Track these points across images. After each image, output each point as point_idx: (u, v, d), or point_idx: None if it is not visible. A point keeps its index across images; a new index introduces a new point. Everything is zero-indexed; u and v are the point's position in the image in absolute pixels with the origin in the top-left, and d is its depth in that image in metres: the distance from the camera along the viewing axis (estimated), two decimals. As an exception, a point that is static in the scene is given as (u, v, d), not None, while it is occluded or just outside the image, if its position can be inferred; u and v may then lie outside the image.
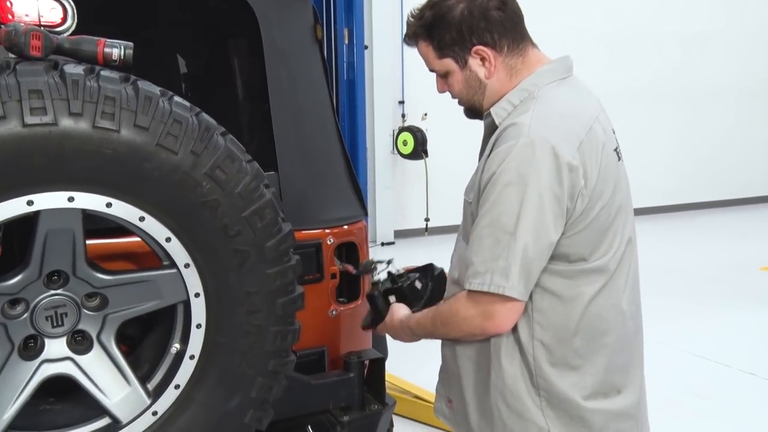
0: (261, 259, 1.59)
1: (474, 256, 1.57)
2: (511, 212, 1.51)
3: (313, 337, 2.14)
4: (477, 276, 1.56)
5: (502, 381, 1.66)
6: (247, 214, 1.55)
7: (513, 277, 1.52)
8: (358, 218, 2.24)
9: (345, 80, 8.10)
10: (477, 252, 1.56)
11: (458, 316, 1.63)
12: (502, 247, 1.52)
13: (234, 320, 1.63)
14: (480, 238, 1.56)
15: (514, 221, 1.51)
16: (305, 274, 2.04)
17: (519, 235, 1.51)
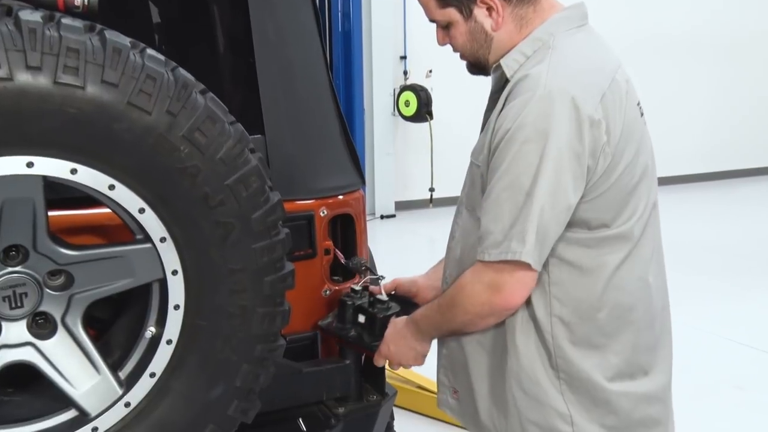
0: (246, 233, 1.59)
1: (492, 224, 1.58)
2: (530, 171, 1.52)
3: (305, 319, 2.15)
4: (497, 246, 1.57)
5: (517, 364, 1.68)
6: (230, 182, 1.55)
7: (529, 241, 1.54)
8: (354, 187, 2.24)
9: (340, 32, 8.05)
10: (496, 219, 1.57)
11: (463, 294, 1.65)
12: (520, 209, 1.54)
13: (216, 301, 1.64)
14: (499, 203, 1.56)
15: (531, 181, 1.52)
16: (296, 250, 2.04)
17: (536, 195, 1.52)
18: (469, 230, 1.74)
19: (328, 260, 2.18)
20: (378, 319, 2.04)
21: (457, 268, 1.78)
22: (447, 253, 1.87)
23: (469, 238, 1.74)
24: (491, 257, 1.58)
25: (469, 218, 1.76)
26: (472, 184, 1.72)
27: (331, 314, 2.16)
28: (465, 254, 1.75)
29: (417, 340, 1.87)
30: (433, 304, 1.79)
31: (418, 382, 3.75)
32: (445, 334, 1.83)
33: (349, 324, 2.11)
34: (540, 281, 1.64)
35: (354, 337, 2.09)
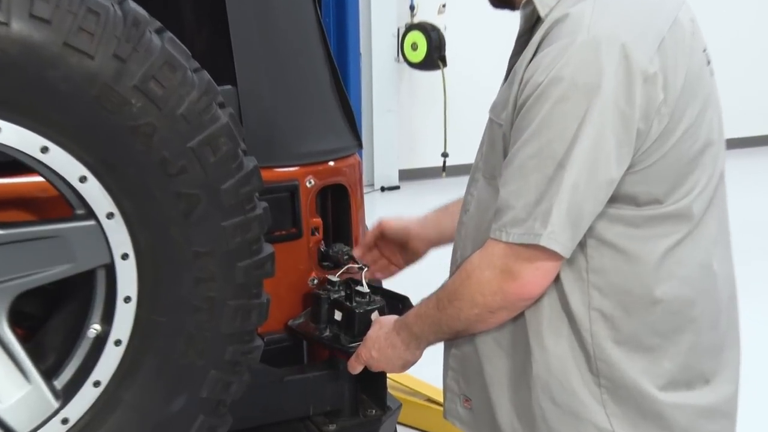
0: (214, 207, 1.60)
1: (514, 198, 1.58)
2: (565, 137, 1.52)
3: (287, 315, 2.16)
4: (517, 224, 1.57)
5: (546, 369, 1.69)
6: (194, 144, 1.55)
7: (555, 222, 1.54)
8: (348, 152, 2.24)
9: (330, -44, 8.02)
10: (519, 192, 1.57)
11: (469, 282, 1.66)
12: (549, 182, 1.54)
13: (177, 291, 1.64)
14: (523, 173, 1.56)
15: (565, 149, 1.52)
16: (276, 229, 2.05)
17: (569, 167, 1.52)
18: (487, 202, 1.74)
19: (316, 242, 2.18)
20: (356, 315, 2.06)
21: (470, 249, 1.77)
22: (458, 231, 1.87)
23: (485, 213, 1.73)
24: (509, 238, 1.58)
25: (486, 188, 1.75)
26: (492, 146, 1.71)
27: (305, 312, 2.17)
28: (481, 232, 1.74)
29: (408, 348, 1.88)
30: (430, 300, 1.79)
31: (428, 393, 3.76)
32: (446, 337, 1.84)
33: (324, 322, 2.13)
34: (575, 266, 1.64)
35: (328, 338, 2.10)
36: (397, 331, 1.89)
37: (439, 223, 2.16)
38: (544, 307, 1.68)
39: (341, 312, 2.09)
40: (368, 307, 2.07)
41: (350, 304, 2.08)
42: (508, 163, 1.60)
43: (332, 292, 2.13)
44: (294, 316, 2.17)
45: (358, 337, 2.02)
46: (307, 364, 2.21)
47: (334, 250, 2.18)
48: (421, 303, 1.84)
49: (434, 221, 2.18)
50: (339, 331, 2.09)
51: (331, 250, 2.19)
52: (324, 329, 2.11)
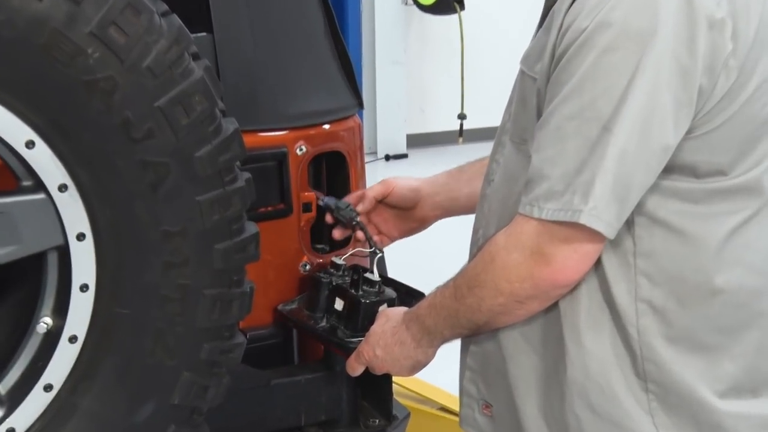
0: (187, 179, 1.60)
1: (549, 167, 1.58)
2: (612, 94, 1.51)
3: (275, 306, 2.17)
4: (553, 198, 1.57)
5: (583, 371, 1.69)
6: (162, 103, 1.55)
7: (598, 195, 1.54)
8: (347, 112, 2.24)
9: None
10: (556, 160, 1.57)
11: (494, 266, 1.67)
12: (592, 149, 1.53)
13: (143, 279, 1.64)
14: (561, 137, 1.56)
15: (612, 108, 1.52)
16: (261, 205, 2.05)
17: (617, 130, 1.52)
18: (515, 171, 1.74)
19: (309, 220, 2.19)
20: (361, 305, 2.06)
21: (495, 226, 1.78)
22: (480, 206, 1.87)
23: (514, 184, 1.73)
24: (542, 214, 1.58)
25: (515, 154, 1.76)
26: (523, 104, 1.71)
27: (300, 297, 2.18)
28: (507, 207, 1.74)
29: (418, 346, 1.89)
30: (446, 288, 1.80)
31: (442, 401, 3.76)
32: (465, 332, 1.84)
33: (320, 311, 2.13)
34: (621, 249, 1.64)
35: (324, 329, 2.11)
36: (407, 325, 1.89)
37: (450, 188, 2.18)
38: (583, 297, 1.68)
39: (343, 301, 2.10)
40: (376, 298, 2.07)
41: (355, 292, 2.08)
42: (542, 125, 1.60)
43: (335, 276, 2.14)
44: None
45: (361, 331, 2.03)
46: (298, 365, 2.22)
47: (341, 208, 2.17)
48: (436, 292, 1.84)
49: (445, 185, 2.19)
50: (338, 323, 2.10)
51: (337, 210, 2.17)
52: (320, 319, 2.12)
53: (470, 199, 2.07)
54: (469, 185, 2.11)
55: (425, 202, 2.21)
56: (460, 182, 2.18)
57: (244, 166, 1.68)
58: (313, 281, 2.15)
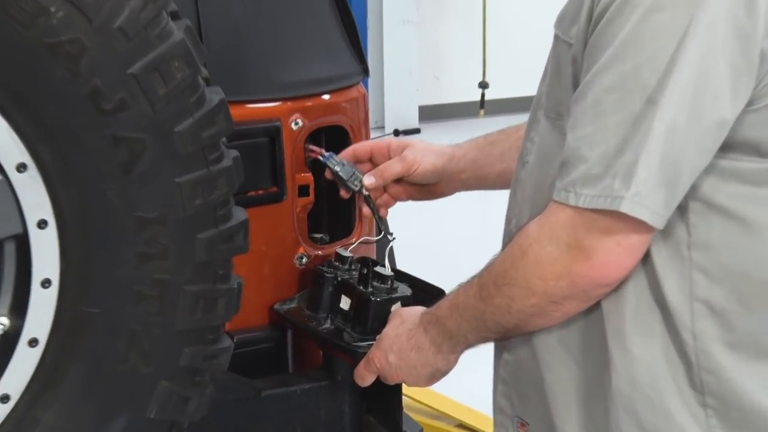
0: (166, 157, 1.60)
1: (587, 146, 1.58)
2: (659, 61, 1.51)
3: (266, 305, 2.18)
4: (591, 183, 1.57)
5: (630, 381, 1.69)
6: (137, 69, 1.55)
7: (642, 179, 1.53)
8: (349, 81, 2.25)
9: None
10: (594, 138, 1.57)
11: (525, 261, 1.67)
12: (635, 124, 1.53)
13: (115, 273, 1.65)
14: (600, 111, 1.56)
15: (658, 77, 1.51)
16: (250, 187, 2.06)
17: (663, 102, 1.52)
18: (551, 151, 1.74)
19: (306, 205, 2.20)
20: (372, 304, 2.06)
21: (528, 214, 1.78)
22: (512, 192, 1.88)
23: (549, 166, 1.74)
24: (579, 201, 1.58)
25: (550, 131, 1.76)
26: (558, 74, 1.72)
27: (299, 295, 2.19)
28: (542, 192, 1.75)
29: (438, 351, 1.89)
30: (471, 285, 1.80)
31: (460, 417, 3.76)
32: (492, 336, 1.85)
33: (324, 311, 2.14)
34: (672, 240, 1.64)
35: (328, 332, 2.11)
36: (425, 328, 1.90)
37: (479, 165, 2.18)
38: (629, 297, 1.68)
39: (350, 299, 2.10)
40: (389, 295, 2.07)
41: (365, 288, 2.09)
42: (579, 98, 1.60)
43: (340, 271, 2.14)
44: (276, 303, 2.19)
45: (371, 334, 2.03)
46: (294, 374, 2.23)
47: (345, 177, 2.17)
48: (458, 290, 1.85)
49: (473, 162, 2.19)
50: (344, 325, 2.11)
51: (340, 176, 2.17)
52: (323, 320, 2.13)
53: (501, 177, 2.08)
54: (500, 162, 2.11)
55: (449, 179, 2.22)
56: (491, 158, 2.18)
57: (230, 142, 1.68)
58: (315, 276, 2.15)
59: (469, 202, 2.21)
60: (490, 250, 1.85)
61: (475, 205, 2.02)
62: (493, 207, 1.99)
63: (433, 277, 2.20)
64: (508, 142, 2.16)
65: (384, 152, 2.24)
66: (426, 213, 2.22)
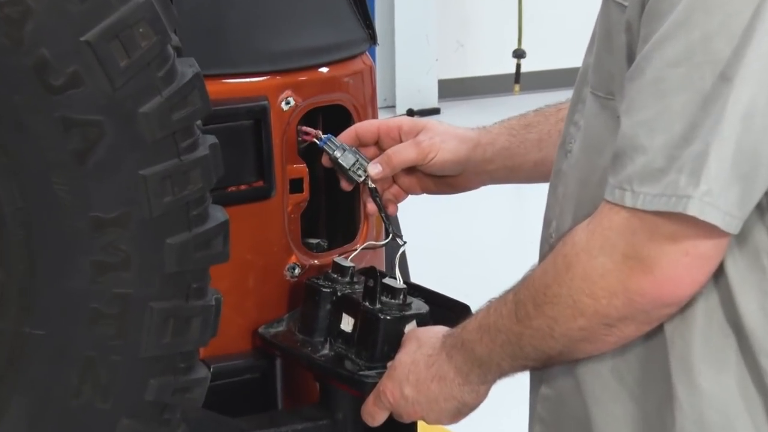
0: (128, 144, 1.60)
1: (646, 133, 1.58)
2: (733, 30, 1.52)
3: (249, 326, 2.18)
4: (651, 179, 1.57)
5: (698, 421, 1.69)
6: (92, 36, 1.55)
7: (713, 174, 1.53)
8: (353, 50, 2.26)
9: None
10: (655, 123, 1.57)
11: (571, 275, 1.67)
12: (704, 107, 1.53)
13: (65, 287, 1.65)
14: (662, 90, 1.56)
15: (732, 49, 1.52)
16: (231, 182, 2.07)
17: (739, 79, 1.52)
18: (599, 138, 1.75)
19: (299, 203, 2.21)
20: (381, 324, 2.05)
21: (572, 216, 1.79)
22: (552, 187, 1.89)
23: (598, 156, 1.74)
24: (637, 201, 1.58)
25: (599, 113, 1.77)
26: (608, 43, 1.72)
27: (290, 314, 2.20)
28: (590, 189, 1.76)
29: (466, 382, 1.89)
30: (504, 302, 1.80)
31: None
32: (531, 364, 1.85)
33: (320, 334, 2.14)
34: (750, 249, 1.64)
35: (327, 359, 2.12)
36: (448, 353, 1.90)
37: (511, 154, 2.18)
38: (697, 319, 1.67)
39: (353, 318, 2.09)
40: (401, 313, 2.06)
41: (371, 305, 2.07)
42: (636, 74, 1.60)
43: (340, 284, 2.13)
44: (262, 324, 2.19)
45: (380, 361, 2.03)
46: (284, 411, 2.23)
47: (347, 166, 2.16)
48: (489, 307, 1.85)
49: (504, 151, 2.18)
50: (346, 350, 2.10)
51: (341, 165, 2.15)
52: (321, 345, 2.12)
53: (538, 169, 2.09)
54: (538, 150, 2.11)
55: (473, 170, 2.22)
56: (526, 145, 2.18)
57: (207, 126, 1.69)
58: (309, 291, 2.15)
59: (499, 198, 2.18)
60: (526, 257, 1.86)
61: (508, 202, 1.99)
62: (529, 204, 1.97)
63: (456, 290, 2.20)
64: (547, 125, 2.16)
65: (394, 134, 2.23)
66: (446, 211, 2.19)
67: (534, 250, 1.88)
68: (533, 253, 1.86)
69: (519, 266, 1.83)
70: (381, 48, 8.14)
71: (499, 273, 1.91)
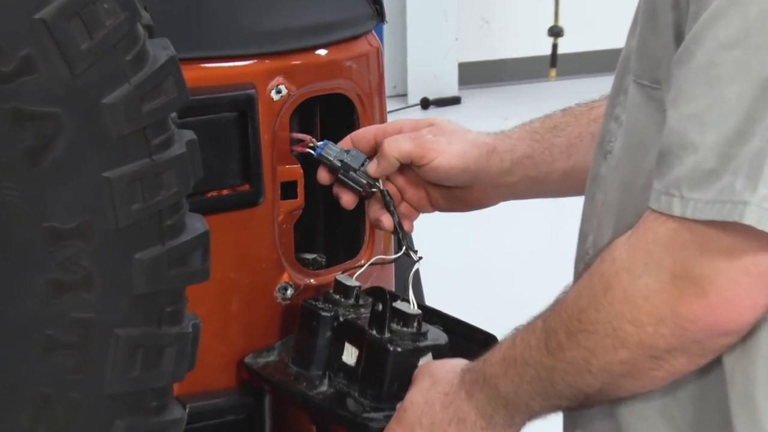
0: (90, 141, 1.62)
1: (695, 128, 1.59)
2: None
3: (235, 358, 2.19)
4: (703, 182, 1.57)
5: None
6: (48, 13, 1.56)
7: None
8: (356, 29, 2.29)
9: None
10: (706, 116, 1.58)
11: (610, 297, 1.67)
12: (762, 98, 1.54)
13: (15, 310, 1.67)
14: (714, 77, 1.58)
15: None
16: (213, 185, 2.09)
17: None
18: (646, 133, 1.77)
19: (292, 212, 2.23)
20: (390, 356, 2.06)
21: (612, 228, 1.82)
22: (590, 193, 1.91)
23: (643, 157, 1.76)
24: (687, 209, 1.58)
25: (644, 105, 1.79)
26: (653, 22, 1.74)
27: (282, 343, 2.21)
28: (632, 196, 1.78)
29: (489, 425, 1.91)
30: (532, 330, 1.81)
31: None
32: (566, 404, 1.86)
33: (318, 367, 2.15)
34: None
35: (325, 397, 2.13)
36: (468, 391, 1.92)
37: (534, 162, 2.19)
38: (762, 350, 1.68)
39: (357, 348, 2.10)
40: (415, 343, 2.08)
41: (379, 333, 2.08)
42: (683, 58, 1.62)
43: (342, 307, 2.14)
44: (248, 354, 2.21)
45: (389, 401, 2.05)
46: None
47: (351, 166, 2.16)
48: (515, 336, 1.86)
49: (526, 159, 2.19)
50: (348, 387, 2.12)
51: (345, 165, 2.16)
52: (318, 380, 2.14)
53: (568, 179, 2.09)
54: (567, 156, 2.12)
55: (489, 183, 2.22)
56: (553, 151, 2.19)
57: (184, 120, 1.72)
58: (305, 315, 2.16)
59: (530, 207, 2.17)
60: (560, 278, 1.87)
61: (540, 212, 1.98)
62: (565, 215, 1.97)
63: (480, 316, 2.20)
64: (577, 127, 2.17)
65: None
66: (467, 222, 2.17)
67: (568, 268, 1.90)
68: (568, 274, 1.87)
69: (552, 288, 1.84)
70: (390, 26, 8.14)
71: (529, 296, 1.91)
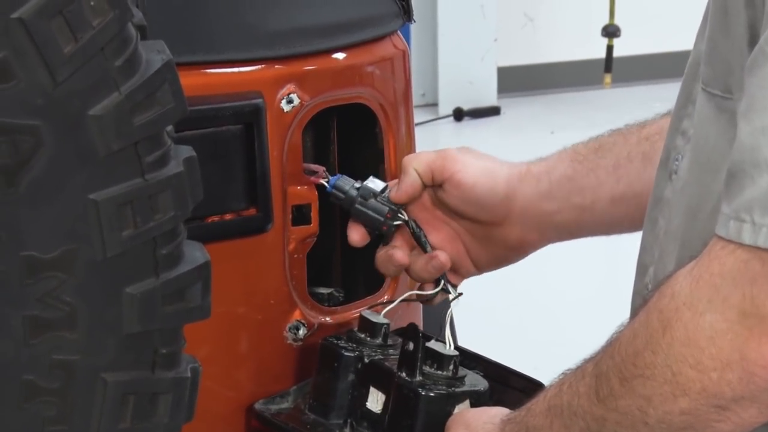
0: (74, 159, 1.63)
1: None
2: None
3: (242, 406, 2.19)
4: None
5: None
6: (26, 12, 1.56)
7: None
8: (380, 28, 2.30)
9: None
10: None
11: (670, 338, 1.67)
12: None
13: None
14: None
15: None
16: (215, 209, 2.10)
17: None
18: (718, 149, 1.77)
19: (304, 239, 2.23)
20: (421, 402, 2.06)
21: (676, 257, 1.82)
22: (651, 221, 1.92)
23: (713, 178, 1.76)
24: (759, 237, 1.57)
25: (715, 117, 1.79)
26: (724, 24, 1.74)
27: (298, 387, 2.22)
28: (700, 222, 1.78)
29: None
30: (581, 375, 1.83)
31: None
32: None
33: (339, 414, 2.15)
34: None
35: None
36: None
37: (579, 187, 2.18)
38: None
39: (385, 393, 2.11)
40: (450, 388, 2.08)
41: (410, 377, 2.08)
42: (758, 62, 1.62)
43: (367, 347, 2.15)
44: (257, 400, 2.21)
45: None
46: None
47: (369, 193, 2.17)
48: (562, 383, 1.87)
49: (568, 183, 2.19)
50: None
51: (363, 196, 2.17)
52: (339, 429, 2.14)
53: (617, 207, 2.10)
54: (615, 181, 2.12)
55: (524, 214, 2.22)
56: (597, 174, 2.19)
57: (181, 134, 1.72)
58: (325, 355, 2.16)
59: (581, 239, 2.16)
60: (615, 317, 1.87)
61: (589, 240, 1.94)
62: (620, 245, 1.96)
63: (523, 361, 2.20)
64: (626, 147, 2.17)
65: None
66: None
67: (624, 306, 1.90)
68: (624, 311, 1.87)
69: (604, 328, 1.84)
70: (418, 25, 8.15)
71: (578, 337, 1.91)
